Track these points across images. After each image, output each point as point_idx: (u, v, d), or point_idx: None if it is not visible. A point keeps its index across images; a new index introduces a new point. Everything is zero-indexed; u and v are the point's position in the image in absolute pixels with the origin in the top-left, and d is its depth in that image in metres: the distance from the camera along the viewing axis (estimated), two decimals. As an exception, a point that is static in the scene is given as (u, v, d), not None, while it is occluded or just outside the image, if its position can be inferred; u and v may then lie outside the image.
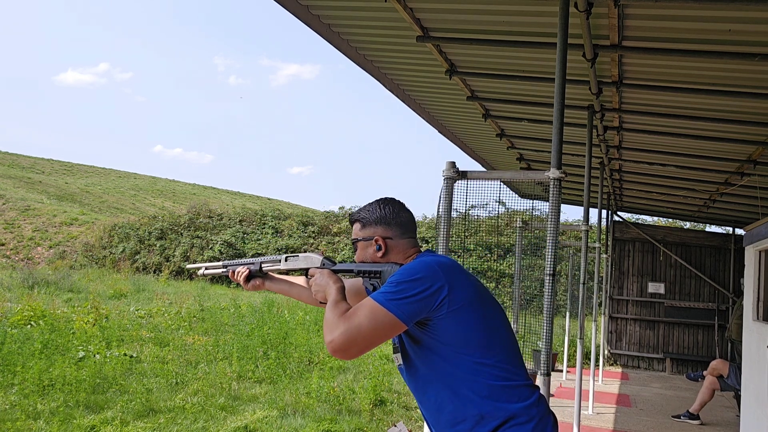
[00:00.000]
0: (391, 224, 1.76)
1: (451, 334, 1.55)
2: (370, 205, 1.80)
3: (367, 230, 1.77)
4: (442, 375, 1.57)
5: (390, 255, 1.75)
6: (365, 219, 1.78)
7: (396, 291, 1.50)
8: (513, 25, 3.56)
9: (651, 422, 6.36)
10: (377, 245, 1.74)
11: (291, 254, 1.94)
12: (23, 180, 32.36)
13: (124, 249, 21.84)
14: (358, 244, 1.79)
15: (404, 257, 1.75)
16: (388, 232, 1.75)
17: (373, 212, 1.77)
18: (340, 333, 1.46)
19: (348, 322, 1.47)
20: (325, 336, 1.50)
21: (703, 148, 5.61)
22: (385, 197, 1.82)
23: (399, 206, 1.80)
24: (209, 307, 12.16)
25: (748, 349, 5.12)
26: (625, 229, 10.61)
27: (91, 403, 5.37)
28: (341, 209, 22.49)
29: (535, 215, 11.87)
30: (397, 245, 1.76)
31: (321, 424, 5.21)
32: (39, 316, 8.87)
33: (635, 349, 10.28)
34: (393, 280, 1.54)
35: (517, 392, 1.56)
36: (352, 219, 1.83)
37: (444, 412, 1.58)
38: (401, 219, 1.78)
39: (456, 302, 1.54)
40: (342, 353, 1.48)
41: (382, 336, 1.50)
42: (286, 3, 3.60)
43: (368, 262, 1.76)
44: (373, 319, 1.47)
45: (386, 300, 1.49)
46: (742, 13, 2.90)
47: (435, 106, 6.05)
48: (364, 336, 1.47)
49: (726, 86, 3.93)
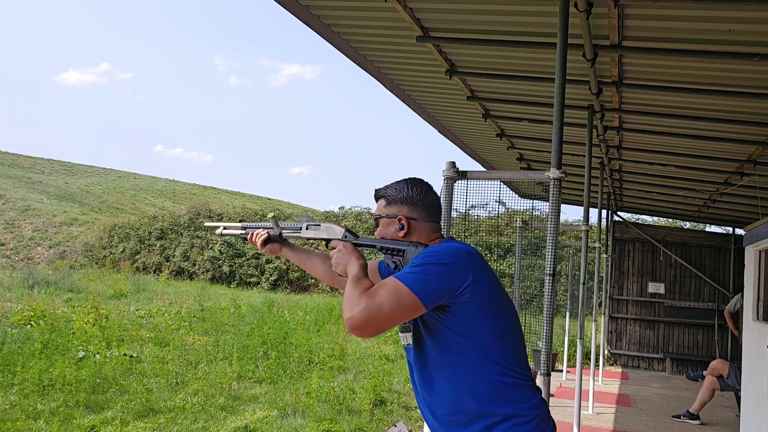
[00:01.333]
0: (417, 205, 1.72)
1: (466, 325, 1.53)
2: (397, 183, 1.76)
3: (391, 208, 1.73)
4: (449, 365, 1.56)
5: (412, 236, 1.71)
6: (391, 196, 1.74)
7: (421, 273, 1.47)
8: (513, 25, 3.56)
9: (651, 422, 6.36)
10: (400, 224, 1.71)
11: (312, 223, 1.88)
12: (23, 180, 32.36)
13: (124, 249, 21.84)
14: (380, 220, 1.75)
15: (427, 240, 1.71)
16: (413, 213, 1.72)
17: (400, 191, 1.73)
18: (361, 310, 1.42)
19: (370, 299, 1.44)
20: (344, 312, 1.46)
21: (703, 148, 5.61)
22: (414, 177, 1.78)
23: (427, 188, 1.76)
24: (209, 307, 12.15)
25: (748, 349, 5.12)
26: (625, 229, 10.61)
27: (91, 403, 5.37)
28: (341, 209, 22.48)
29: (535, 215, 11.87)
30: (420, 227, 1.72)
31: (321, 424, 5.21)
32: (39, 316, 8.88)
33: (635, 349, 10.28)
34: (418, 261, 1.51)
35: (520, 392, 1.55)
36: (377, 195, 1.78)
37: (445, 401, 1.57)
38: (427, 201, 1.74)
39: (477, 294, 1.52)
40: (360, 330, 1.44)
41: (403, 317, 1.48)
42: (286, 3, 3.60)
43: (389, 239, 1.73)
44: (396, 299, 1.44)
45: (411, 281, 1.46)
46: (742, 13, 2.90)
47: (435, 106, 6.05)
48: (384, 315, 1.44)
49: (726, 86, 3.93)
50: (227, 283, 19.85)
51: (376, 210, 1.77)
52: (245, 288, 19.31)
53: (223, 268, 20.00)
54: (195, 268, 20.55)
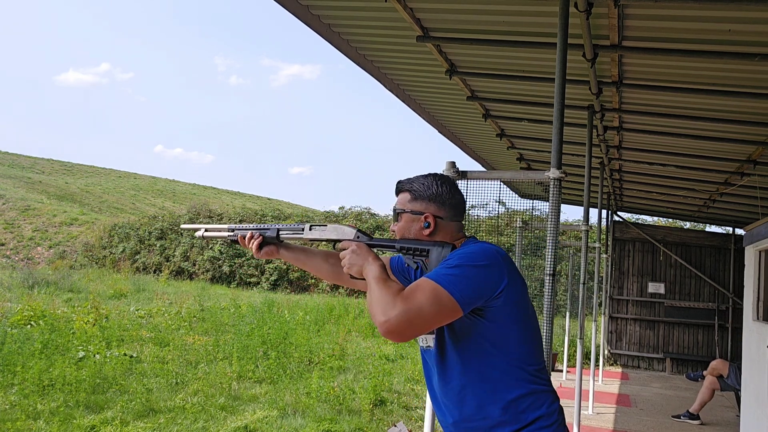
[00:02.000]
0: (446, 204, 1.65)
1: (497, 330, 1.49)
2: (425, 178, 1.67)
3: (417, 204, 1.64)
4: (473, 370, 1.52)
5: (437, 235, 1.63)
6: (418, 192, 1.65)
7: (459, 275, 1.41)
8: (513, 25, 3.56)
9: (651, 422, 6.36)
10: (426, 222, 1.62)
11: (317, 224, 1.78)
12: (23, 180, 32.36)
13: (124, 249, 21.84)
14: (403, 215, 1.66)
15: (451, 240, 1.64)
16: (441, 212, 1.64)
17: (429, 187, 1.65)
18: (399, 314, 1.35)
19: (407, 302, 1.36)
20: (376, 315, 1.38)
21: (703, 148, 5.61)
22: (441, 174, 1.70)
23: (455, 186, 1.69)
24: (209, 307, 12.15)
25: (748, 349, 5.12)
26: (625, 229, 10.61)
27: (91, 403, 5.37)
28: (341, 209, 22.48)
29: (535, 215, 11.86)
30: (446, 226, 1.64)
31: (321, 424, 5.21)
32: (39, 316, 8.88)
33: (635, 349, 10.28)
34: (455, 263, 1.45)
35: (543, 398, 1.53)
36: (401, 187, 1.69)
37: (465, 405, 1.53)
38: (456, 200, 1.66)
39: (510, 297, 1.48)
40: (397, 335, 1.37)
41: (442, 320, 1.42)
42: (286, 3, 3.60)
43: (409, 238, 1.65)
44: (435, 303, 1.38)
45: (448, 283, 1.39)
46: (742, 13, 2.90)
47: (435, 106, 6.05)
48: (424, 319, 1.37)
49: (726, 86, 3.93)
50: (227, 283, 19.86)
51: (399, 204, 1.68)
52: (245, 288, 19.31)
53: (223, 268, 20.00)
54: (195, 268, 20.55)
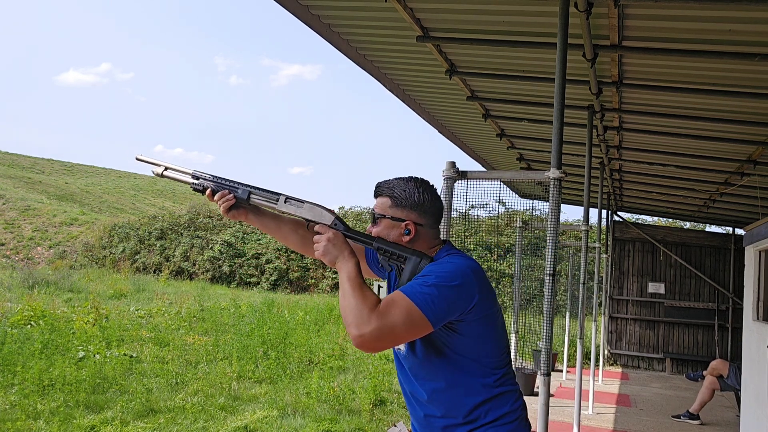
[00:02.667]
0: (427, 212, 1.64)
1: (467, 341, 1.54)
2: (406, 183, 1.64)
3: (399, 211, 1.62)
4: (444, 373, 1.57)
5: (416, 243, 1.62)
6: (400, 198, 1.62)
7: (434, 295, 1.44)
8: (513, 25, 3.56)
9: (651, 422, 6.36)
10: (407, 230, 1.61)
11: (294, 198, 1.69)
12: (23, 180, 32.36)
13: (124, 249, 21.84)
14: (382, 221, 1.63)
15: (428, 247, 1.65)
16: (422, 219, 1.63)
17: (411, 194, 1.62)
18: (373, 330, 1.38)
19: (382, 319, 1.39)
20: (349, 326, 1.40)
21: (703, 148, 5.61)
22: (423, 179, 1.68)
23: (435, 193, 1.68)
24: (209, 307, 12.15)
25: (748, 349, 5.12)
26: (625, 229, 10.61)
27: (91, 403, 5.37)
28: (341, 209, 22.49)
29: (535, 215, 11.88)
30: (425, 234, 1.64)
31: (321, 424, 5.21)
32: (39, 316, 8.87)
33: (635, 349, 10.28)
34: (430, 282, 1.46)
35: (507, 397, 1.60)
36: (381, 191, 1.66)
37: (434, 406, 1.59)
38: (436, 208, 1.66)
39: (480, 311, 1.52)
40: (369, 349, 1.41)
41: (413, 336, 1.47)
42: (286, 3, 3.60)
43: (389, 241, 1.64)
44: (408, 321, 1.41)
45: (423, 302, 1.42)
46: (742, 13, 2.90)
47: (435, 106, 6.05)
48: (396, 336, 1.41)
49: (726, 86, 3.93)
50: (227, 283, 19.86)
51: (378, 207, 1.65)
52: (245, 288, 19.31)
53: (223, 268, 20.00)
54: (195, 268, 20.55)
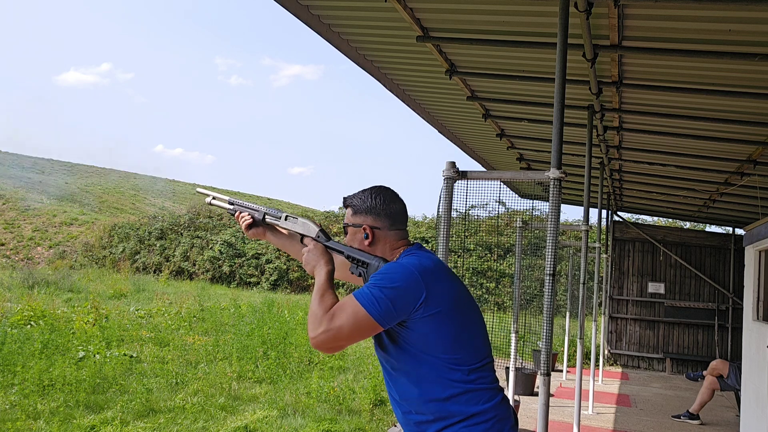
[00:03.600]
0: (381, 215, 1.76)
1: (422, 338, 1.59)
2: (363, 192, 1.80)
3: (357, 217, 1.77)
4: (408, 369, 1.62)
5: (377, 245, 1.75)
6: (356, 206, 1.78)
7: (377, 296, 1.54)
8: (513, 25, 3.56)
9: (651, 422, 6.36)
10: (365, 233, 1.75)
11: (291, 215, 1.95)
12: (23, 180, 32.37)
13: (124, 249, 21.84)
14: (348, 228, 1.80)
15: (391, 249, 1.76)
16: (377, 222, 1.75)
17: (364, 200, 1.77)
18: (323, 331, 1.53)
19: (331, 322, 1.53)
20: (309, 330, 1.56)
21: (703, 148, 5.61)
22: (379, 186, 1.81)
23: (391, 197, 1.79)
24: (209, 307, 12.16)
25: (748, 349, 5.12)
26: (625, 229, 10.61)
27: (91, 403, 5.37)
28: (341, 209, 22.49)
29: (535, 215, 11.88)
30: (385, 236, 1.76)
31: (321, 424, 5.21)
32: (39, 316, 8.88)
33: (635, 349, 10.28)
34: (375, 282, 1.57)
35: (478, 395, 1.60)
36: (345, 203, 1.83)
37: (407, 402, 1.64)
38: (391, 210, 1.77)
39: (431, 308, 1.58)
40: (324, 350, 1.57)
41: (361, 336, 1.57)
42: (286, 3, 3.60)
43: (356, 248, 1.78)
44: (354, 322, 1.53)
45: (368, 303, 1.54)
46: (742, 13, 2.90)
47: (435, 106, 6.05)
48: (344, 336, 1.54)
49: (726, 86, 3.93)
50: (227, 283, 19.86)
51: (345, 218, 1.82)
52: (245, 288, 19.31)
53: (223, 268, 20.00)
54: (195, 268, 20.55)
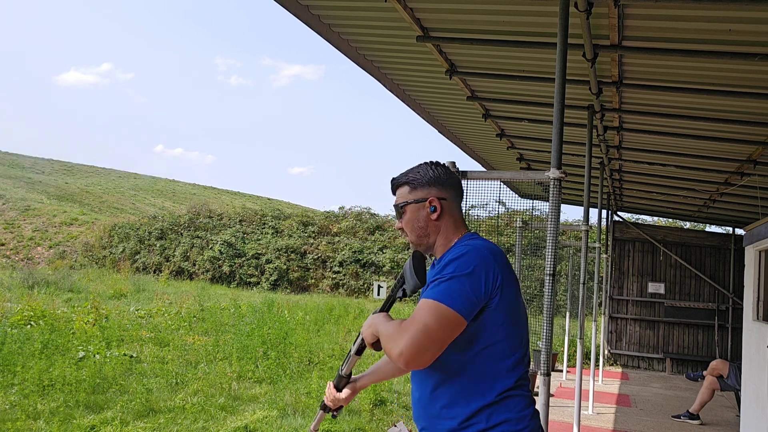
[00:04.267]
0: (446, 185, 1.64)
1: (484, 333, 1.48)
2: (418, 166, 1.67)
3: (418, 192, 1.63)
4: (451, 369, 1.51)
5: (444, 219, 1.62)
6: (416, 180, 1.63)
7: (454, 287, 1.41)
8: (513, 25, 3.56)
9: (651, 422, 6.36)
10: (432, 206, 1.61)
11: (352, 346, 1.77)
12: (23, 180, 32.37)
13: (124, 249, 21.84)
14: (407, 208, 1.63)
15: (455, 228, 1.63)
16: (443, 193, 1.63)
17: (425, 173, 1.64)
18: (408, 339, 1.36)
19: (412, 327, 1.37)
20: (391, 351, 1.39)
21: (703, 148, 5.61)
22: (432, 161, 1.69)
23: (448, 168, 1.68)
24: (209, 307, 12.16)
25: (748, 349, 5.12)
26: (625, 229, 10.61)
27: (91, 403, 5.37)
28: (341, 209, 22.49)
29: (535, 215, 11.88)
30: (451, 209, 1.64)
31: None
32: (39, 316, 8.88)
33: (635, 349, 10.27)
34: (449, 274, 1.43)
35: (515, 402, 1.51)
36: (398, 182, 1.67)
37: (438, 402, 1.53)
38: (453, 181, 1.66)
39: (504, 297, 1.47)
40: (414, 362, 1.38)
41: (450, 335, 1.40)
42: (286, 3, 3.60)
43: (419, 228, 1.63)
44: (438, 318, 1.38)
45: (446, 297, 1.39)
46: (742, 13, 2.90)
47: (435, 106, 6.05)
48: (432, 338, 1.37)
49: (726, 86, 3.93)
50: (227, 283, 19.86)
51: (399, 198, 1.66)
52: (245, 288, 19.31)
53: (223, 268, 20.00)
54: (195, 268, 20.55)
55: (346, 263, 19.20)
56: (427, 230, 1.62)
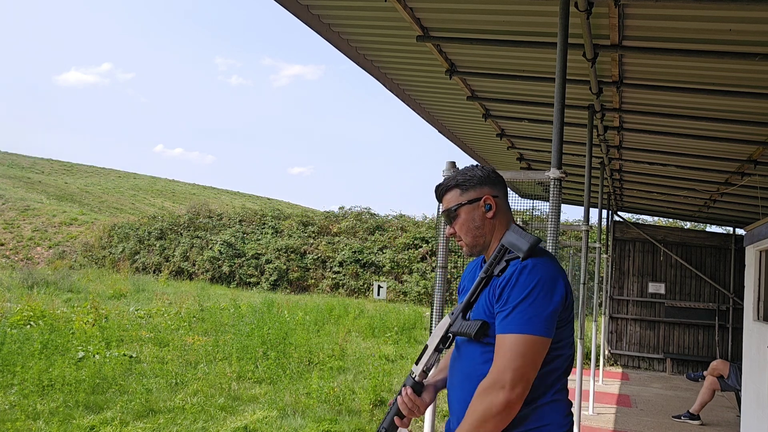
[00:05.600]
0: (496, 183, 1.66)
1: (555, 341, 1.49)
2: (464, 169, 1.68)
3: (471, 192, 1.63)
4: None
5: (499, 216, 1.63)
6: (466, 182, 1.64)
7: (540, 316, 1.43)
8: (513, 25, 3.55)
9: (651, 422, 6.36)
10: (487, 205, 1.62)
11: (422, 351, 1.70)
12: (23, 180, 32.36)
13: (124, 249, 21.83)
14: (460, 210, 1.63)
15: (507, 220, 1.64)
16: (495, 191, 1.64)
17: (473, 174, 1.65)
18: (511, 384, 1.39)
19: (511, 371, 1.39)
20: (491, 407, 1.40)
21: (703, 148, 5.61)
22: (476, 164, 1.71)
23: (494, 169, 1.70)
24: (209, 307, 12.15)
25: (749, 349, 5.11)
26: (626, 229, 10.60)
27: (90, 404, 5.36)
28: (341, 209, 22.48)
29: (535, 215, 11.84)
30: (503, 205, 1.65)
31: (321, 424, 5.20)
32: (39, 316, 8.87)
33: (635, 349, 10.27)
34: (529, 298, 1.43)
35: (559, 406, 1.54)
36: (445, 188, 1.67)
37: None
38: (501, 179, 1.68)
39: (568, 310, 1.51)
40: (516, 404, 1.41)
41: (540, 359, 1.44)
42: (286, 3, 3.59)
43: (476, 228, 1.62)
44: (534, 351, 1.42)
45: (536, 327, 1.41)
46: (742, 13, 2.89)
47: (435, 106, 6.05)
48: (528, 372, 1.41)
49: (726, 86, 3.92)
50: (227, 283, 19.85)
51: (451, 202, 1.65)
52: (245, 288, 19.30)
53: (222, 268, 19.99)
54: (195, 268, 20.54)
55: (346, 263, 19.19)
56: (484, 230, 1.63)
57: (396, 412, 1.65)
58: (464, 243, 1.66)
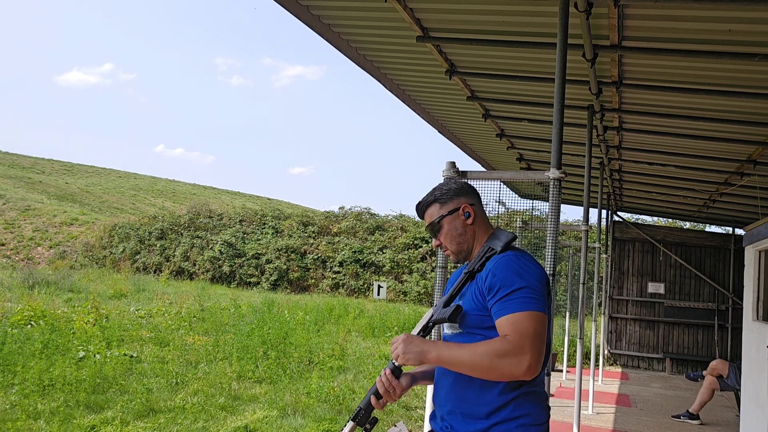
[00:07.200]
0: (470, 193, 1.79)
1: None
2: (438, 185, 1.80)
3: (449, 204, 1.76)
4: None
5: (477, 222, 1.76)
6: (443, 196, 1.77)
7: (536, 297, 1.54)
8: (513, 25, 3.56)
9: (651, 422, 6.36)
10: (466, 212, 1.74)
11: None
12: (23, 180, 32.37)
13: (124, 249, 21.84)
14: (443, 222, 1.75)
15: (486, 227, 1.77)
16: (471, 199, 1.78)
17: (449, 188, 1.78)
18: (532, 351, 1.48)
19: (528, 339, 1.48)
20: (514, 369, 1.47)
21: (703, 148, 5.61)
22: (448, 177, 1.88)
23: (466, 181, 1.84)
24: (209, 307, 12.15)
25: (748, 349, 5.12)
26: (625, 229, 10.61)
27: (91, 403, 5.37)
28: (341, 209, 22.48)
29: (535, 215, 11.86)
30: (480, 213, 1.78)
31: (321, 424, 5.21)
32: (39, 316, 8.88)
33: (635, 349, 10.28)
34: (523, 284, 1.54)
35: (537, 395, 1.63)
36: (426, 204, 1.78)
37: (470, 388, 1.62)
38: (473, 189, 1.81)
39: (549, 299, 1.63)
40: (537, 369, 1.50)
41: (545, 335, 1.55)
42: (287, 3, 3.60)
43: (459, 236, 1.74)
44: (542, 325, 1.52)
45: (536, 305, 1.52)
46: (742, 13, 2.90)
47: (435, 106, 6.05)
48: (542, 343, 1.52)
49: (726, 86, 3.93)
50: (227, 283, 19.85)
51: (432, 217, 1.77)
52: (245, 288, 19.31)
53: (223, 268, 20.00)
54: (195, 268, 20.55)
55: (346, 263, 19.20)
56: (466, 236, 1.75)
57: (374, 392, 1.72)
58: (450, 251, 1.78)
